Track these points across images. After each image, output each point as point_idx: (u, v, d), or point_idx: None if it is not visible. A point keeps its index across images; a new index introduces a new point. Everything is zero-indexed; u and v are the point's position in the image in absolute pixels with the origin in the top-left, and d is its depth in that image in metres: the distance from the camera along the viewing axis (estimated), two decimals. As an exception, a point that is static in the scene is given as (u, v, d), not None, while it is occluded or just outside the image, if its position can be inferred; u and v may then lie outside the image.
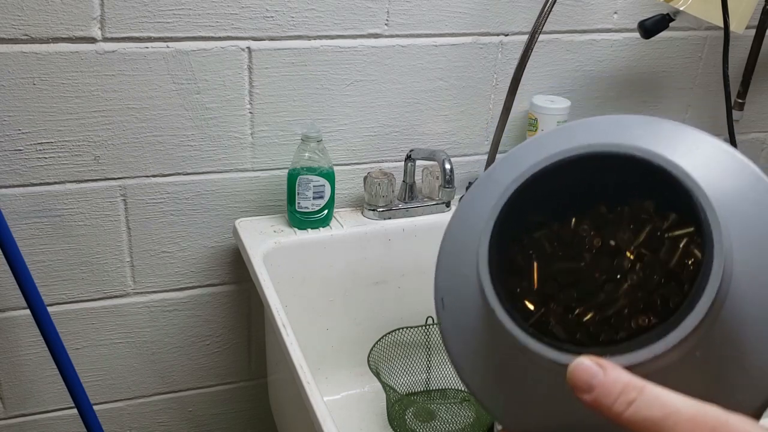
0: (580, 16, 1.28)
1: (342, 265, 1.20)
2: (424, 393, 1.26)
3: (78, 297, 1.20)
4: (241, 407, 1.41)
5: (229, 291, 1.29)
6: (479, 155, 1.33)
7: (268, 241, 1.15)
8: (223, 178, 1.19)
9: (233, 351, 1.34)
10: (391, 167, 1.27)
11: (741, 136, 1.45)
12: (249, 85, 1.14)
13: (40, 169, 1.10)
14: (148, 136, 1.12)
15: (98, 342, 1.25)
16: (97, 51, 1.05)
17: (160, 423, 1.36)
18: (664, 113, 1.44)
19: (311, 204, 1.17)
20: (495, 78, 1.28)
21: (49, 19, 1.01)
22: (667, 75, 1.40)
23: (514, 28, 1.25)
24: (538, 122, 1.27)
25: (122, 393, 1.31)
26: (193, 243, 1.22)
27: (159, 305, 1.26)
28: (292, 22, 1.12)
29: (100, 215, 1.16)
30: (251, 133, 1.18)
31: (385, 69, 1.20)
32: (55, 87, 1.05)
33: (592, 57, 1.33)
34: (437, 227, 1.25)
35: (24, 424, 1.28)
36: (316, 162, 1.15)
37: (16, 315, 1.19)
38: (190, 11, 1.07)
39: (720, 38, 1.25)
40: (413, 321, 1.25)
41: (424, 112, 1.26)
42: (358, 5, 1.14)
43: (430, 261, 1.27)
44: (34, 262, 1.14)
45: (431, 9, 1.18)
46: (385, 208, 1.23)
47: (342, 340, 1.25)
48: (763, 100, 1.49)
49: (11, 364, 1.22)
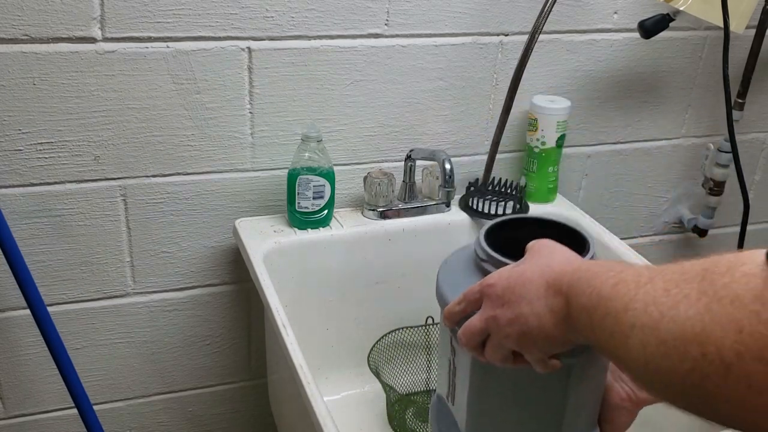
0: (580, 16, 1.28)
1: (342, 265, 1.20)
2: (424, 393, 1.26)
3: (78, 297, 1.20)
4: (241, 407, 1.41)
5: (229, 291, 1.29)
6: (479, 155, 1.33)
7: (268, 241, 1.15)
8: (223, 178, 1.19)
9: (233, 351, 1.34)
10: (391, 167, 1.27)
11: (741, 136, 1.45)
12: (249, 85, 1.14)
13: (40, 169, 1.10)
14: (148, 136, 1.12)
15: (98, 342, 1.25)
16: (97, 51, 1.05)
17: (160, 423, 1.36)
18: (664, 113, 1.44)
19: (311, 204, 1.17)
20: (495, 78, 1.28)
21: (49, 19, 1.01)
22: (667, 75, 1.40)
23: (514, 28, 1.25)
24: (538, 122, 1.27)
25: (122, 393, 1.31)
26: (193, 243, 1.22)
27: (159, 305, 1.25)
28: (292, 22, 1.12)
29: (100, 215, 1.16)
30: (251, 133, 1.18)
31: (385, 69, 1.20)
32: (55, 87, 1.05)
33: (592, 57, 1.33)
34: (437, 227, 1.25)
35: (24, 424, 1.28)
36: (316, 162, 1.15)
37: (16, 315, 1.19)
38: (190, 11, 1.07)
39: (720, 38, 1.25)
40: (413, 321, 1.25)
41: (424, 112, 1.26)
42: (358, 5, 1.14)
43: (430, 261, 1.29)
44: (34, 262, 1.14)
45: (431, 9, 1.18)
46: (385, 208, 1.23)
47: (342, 340, 1.25)
48: (763, 100, 1.49)
49: (11, 364, 1.22)
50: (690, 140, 1.49)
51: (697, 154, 1.50)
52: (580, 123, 1.37)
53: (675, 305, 0.49)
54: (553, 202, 1.33)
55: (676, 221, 1.57)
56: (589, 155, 1.42)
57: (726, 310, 0.45)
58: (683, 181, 1.53)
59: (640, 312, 0.51)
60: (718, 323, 0.45)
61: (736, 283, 0.46)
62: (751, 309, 0.44)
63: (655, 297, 0.51)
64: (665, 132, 1.46)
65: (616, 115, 1.40)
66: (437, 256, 1.26)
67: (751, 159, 1.55)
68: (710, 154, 1.48)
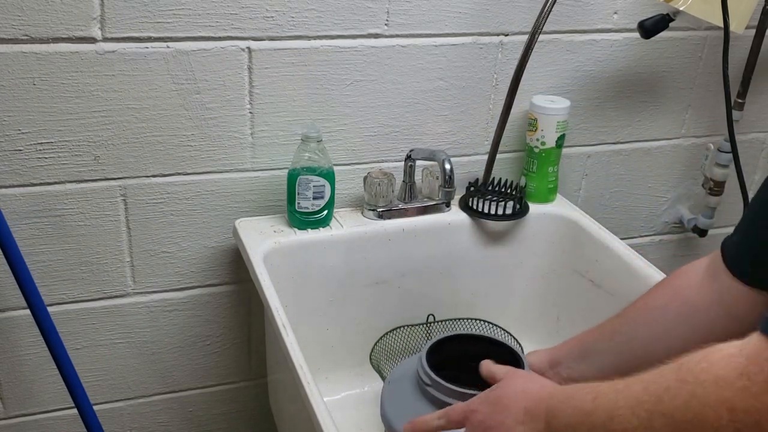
0: (580, 16, 1.28)
1: (342, 265, 1.20)
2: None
3: (78, 297, 1.20)
4: (241, 407, 1.41)
5: (229, 291, 1.29)
6: (479, 155, 1.33)
7: (268, 241, 1.15)
8: (223, 178, 1.19)
9: (233, 351, 1.34)
10: (391, 167, 1.27)
11: (741, 136, 1.45)
12: (249, 85, 1.14)
13: (40, 169, 1.10)
14: (148, 136, 1.12)
15: (98, 342, 1.25)
16: (97, 51, 1.05)
17: (160, 423, 1.36)
18: (664, 113, 1.44)
19: (311, 204, 1.17)
20: (495, 78, 1.28)
21: (49, 19, 1.01)
22: (667, 75, 1.40)
23: (514, 28, 1.25)
24: (537, 122, 1.27)
25: (122, 393, 1.31)
26: (193, 243, 1.22)
27: (159, 305, 1.25)
28: (292, 22, 1.12)
29: (100, 215, 1.16)
30: (251, 133, 1.18)
31: (385, 69, 1.20)
32: (55, 87, 1.05)
33: (592, 57, 1.33)
34: (437, 227, 1.25)
35: (24, 424, 1.28)
36: (316, 162, 1.15)
37: (16, 315, 1.19)
38: (190, 11, 1.07)
39: (720, 38, 1.25)
40: (413, 321, 1.25)
41: (424, 112, 1.26)
42: (358, 5, 1.14)
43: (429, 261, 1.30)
44: (34, 262, 1.14)
45: (431, 9, 1.18)
46: (385, 208, 1.23)
47: (342, 340, 1.25)
48: (763, 100, 1.49)
49: (11, 364, 1.22)
50: (690, 140, 1.49)
51: (697, 154, 1.50)
52: (580, 123, 1.37)
53: (659, 400, 0.49)
54: (553, 202, 1.33)
55: (676, 221, 1.57)
56: (589, 155, 1.42)
57: (712, 392, 0.45)
58: (683, 181, 1.53)
59: (627, 417, 0.52)
60: (707, 406, 0.45)
61: (716, 366, 0.46)
62: (738, 386, 0.44)
63: (638, 398, 0.51)
64: (665, 132, 1.46)
65: (616, 115, 1.40)
66: (437, 256, 1.28)
67: (751, 159, 1.55)
68: (710, 154, 1.48)
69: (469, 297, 1.30)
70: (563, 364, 0.94)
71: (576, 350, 0.94)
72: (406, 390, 0.88)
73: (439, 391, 0.83)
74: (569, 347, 0.96)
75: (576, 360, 0.93)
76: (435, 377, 0.83)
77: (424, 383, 0.85)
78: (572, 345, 0.95)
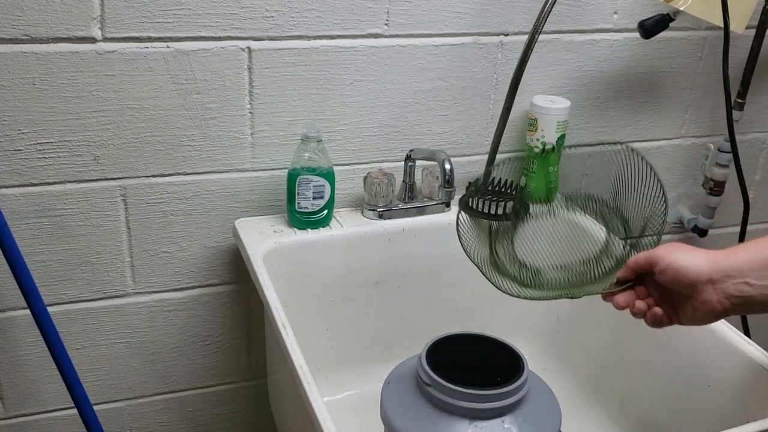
0: (580, 16, 1.28)
1: (342, 265, 1.20)
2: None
3: (78, 297, 1.20)
4: (241, 407, 1.41)
5: (229, 291, 1.29)
6: (479, 155, 1.33)
7: (268, 241, 1.15)
8: (223, 178, 1.19)
9: (233, 351, 1.34)
10: (391, 167, 1.27)
11: (741, 136, 1.46)
12: (249, 85, 1.14)
13: (40, 169, 1.10)
14: (148, 136, 1.12)
15: (98, 342, 1.25)
16: (97, 51, 1.05)
17: (160, 423, 1.36)
18: (664, 113, 1.44)
19: (311, 204, 1.17)
20: (495, 78, 1.28)
21: (49, 19, 1.01)
22: (667, 75, 1.40)
23: (514, 28, 1.25)
24: (537, 122, 1.27)
25: (122, 393, 1.31)
26: (193, 243, 1.22)
27: (159, 305, 1.26)
28: (292, 22, 1.12)
29: (100, 215, 1.16)
30: (251, 133, 1.18)
31: (385, 69, 1.20)
32: (55, 87, 1.05)
33: (592, 57, 1.33)
34: (437, 227, 1.25)
35: (24, 424, 1.28)
36: (316, 162, 1.15)
37: (16, 315, 1.19)
38: (190, 11, 1.07)
39: (720, 38, 1.25)
40: (413, 321, 1.26)
41: (424, 112, 1.26)
42: (358, 5, 1.14)
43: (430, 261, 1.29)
44: (34, 262, 1.14)
45: (431, 9, 1.18)
46: (385, 208, 1.23)
47: (342, 340, 1.25)
48: (763, 100, 1.49)
49: (11, 364, 1.22)
50: (690, 140, 1.49)
51: (697, 154, 1.50)
52: (580, 123, 1.37)
53: None
54: (553, 202, 1.33)
55: (676, 221, 1.57)
56: (589, 155, 1.42)
57: None
58: (683, 181, 1.53)
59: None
60: None
61: None
62: None
63: None
64: (665, 132, 1.46)
65: (616, 115, 1.40)
66: (437, 256, 1.27)
67: (751, 159, 1.55)
68: (710, 154, 1.48)
69: (469, 297, 1.30)
70: (738, 278, 0.73)
71: (764, 258, 0.73)
72: (406, 390, 0.88)
73: (439, 390, 0.83)
74: (749, 255, 0.73)
75: (761, 270, 0.72)
76: (435, 377, 0.83)
77: (424, 383, 0.84)
78: (752, 251, 0.74)
